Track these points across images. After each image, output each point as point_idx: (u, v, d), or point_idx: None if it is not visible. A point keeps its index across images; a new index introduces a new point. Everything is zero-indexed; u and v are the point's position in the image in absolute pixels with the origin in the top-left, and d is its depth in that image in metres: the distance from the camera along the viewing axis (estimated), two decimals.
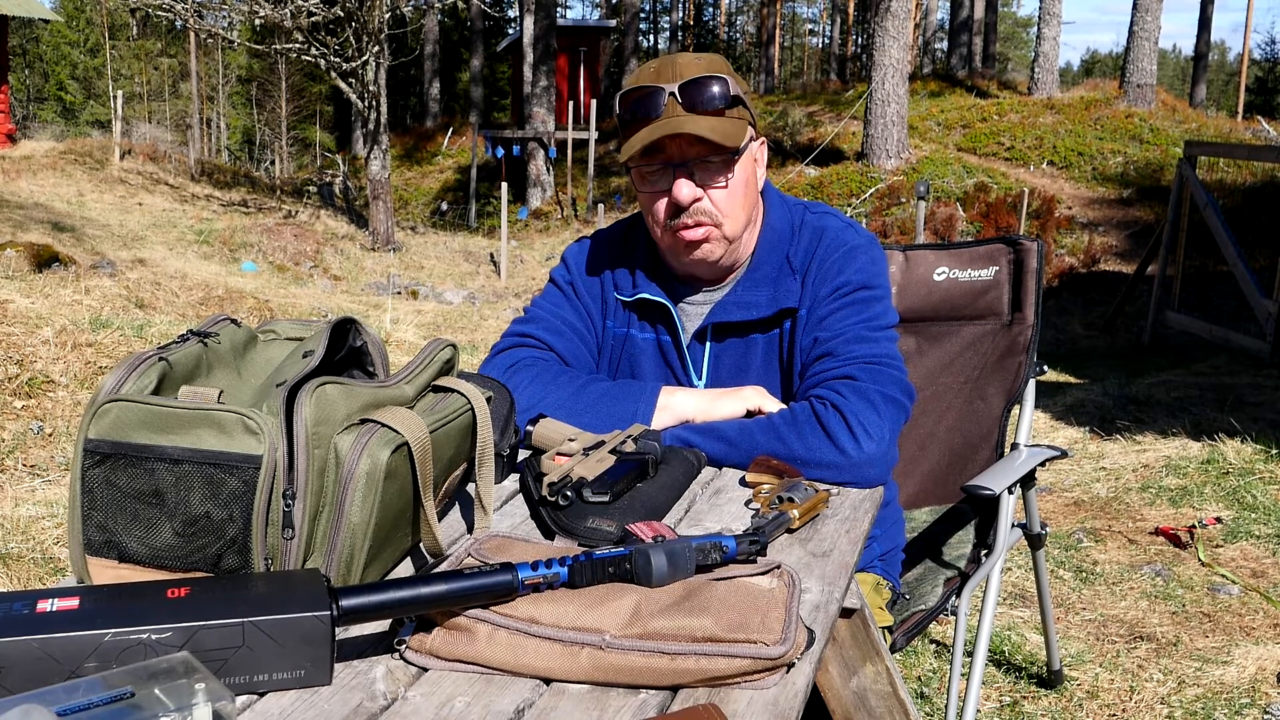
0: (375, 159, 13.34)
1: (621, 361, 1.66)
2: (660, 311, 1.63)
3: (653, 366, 1.64)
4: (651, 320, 1.64)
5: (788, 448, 1.40)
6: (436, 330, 8.62)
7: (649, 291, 1.62)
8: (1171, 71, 62.21)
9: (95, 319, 5.64)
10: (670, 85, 1.48)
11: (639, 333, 1.65)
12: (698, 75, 1.48)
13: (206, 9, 14.38)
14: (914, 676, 2.60)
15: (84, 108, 38.54)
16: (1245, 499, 3.88)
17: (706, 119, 1.48)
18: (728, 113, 1.50)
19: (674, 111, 1.48)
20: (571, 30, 24.36)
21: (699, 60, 1.52)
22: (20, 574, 3.01)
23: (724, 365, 1.60)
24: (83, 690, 0.75)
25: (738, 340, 1.60)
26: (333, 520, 1.00)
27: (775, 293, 1.57)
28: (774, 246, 1.61)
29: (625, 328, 1.66)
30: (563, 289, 1.71)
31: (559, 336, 1.66)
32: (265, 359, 1.16)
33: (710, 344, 1.61)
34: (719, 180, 1.52)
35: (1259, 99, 40.08)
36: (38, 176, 14.03)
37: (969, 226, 13.50)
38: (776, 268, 1.59)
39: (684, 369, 1.62)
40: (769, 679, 0.90)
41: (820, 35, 51.47)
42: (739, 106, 1.52)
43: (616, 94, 1.53)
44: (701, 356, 1.61)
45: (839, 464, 1.38)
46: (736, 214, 1.55)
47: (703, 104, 1.48)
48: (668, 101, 1.48)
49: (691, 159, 1.50)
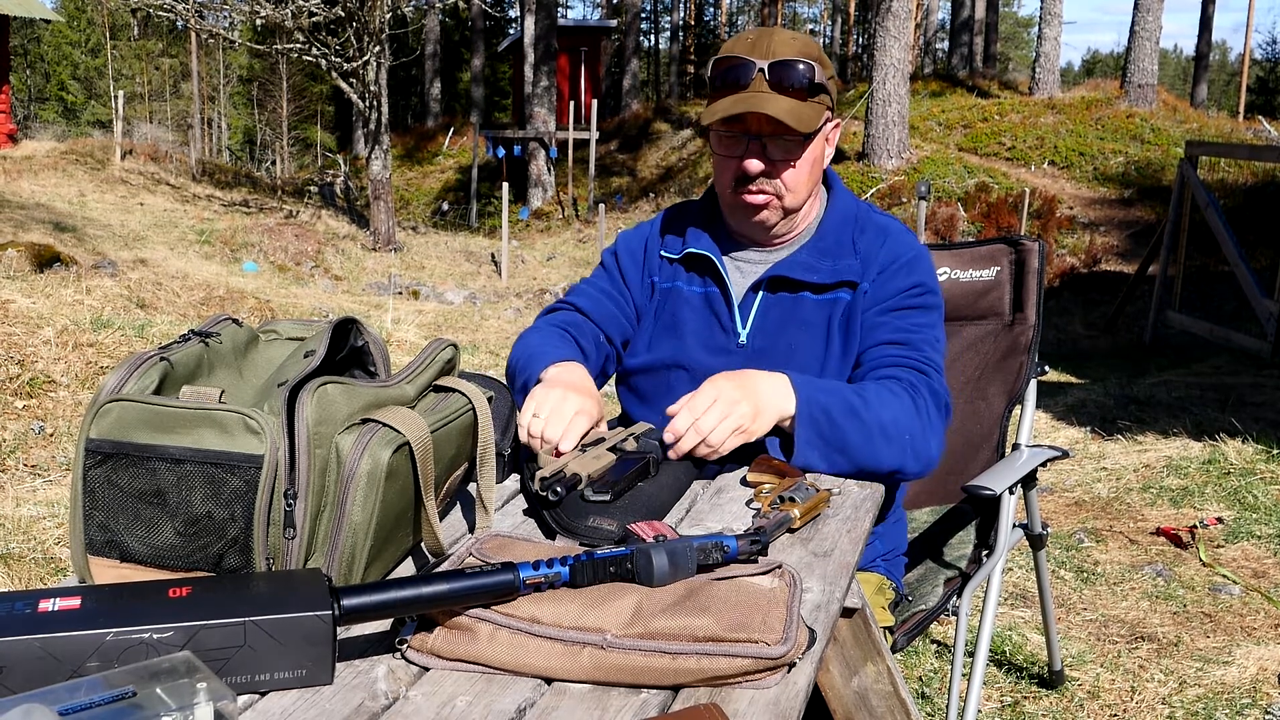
0: (376, 159, 13.35)
1: (665, 312, 1.74)
2: (708, 265, 1.71)
3: (696, 316, 1.71)
4: (700, 273, 1.72)
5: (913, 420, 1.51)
6: (437, 330, 8.62)
7: (696, 246, 1.71)
8: (1172, 71, 62.20)
9: (96, 319, 5.64)
10: (762, 61, 1.56)
11: (685, 285, 1.73)
12: (788, 56, 1.56)
13: (208, 9, 14.39)
14: (915, 676, 2.60)
15: (85, 108, 38.57)
16: (1246, 499, 3.88)
17: (788, 100, 1.55)
18: (809, 98, 1.57)
19: (760, 87, 1.56)
20: (572, 30, 24.37)
21: (794, 40, 1.59)
22: (22, 574, 3.01)
23: (770, 318, 1.67)
24: (84, 690, 0.75)
25: (788, 296, 1.67)
26: (334, 520, 1.00)
27: (836, 265, 1.66)
28: (841, 225, 1.70)
29: (671, 281, 1.74)
30: (604, 263, 1.85)
31: (587, 299, 1.80)
32: (267, 359, 1.16)
33: (763, 294, 1.68)
34: (789, 157, 1.60)
35: (1260, 99, 40.06)
36: (39, 176, 14.03)
37: (970, 227, 13.50)
38: (839, 244, 1.68)
39: (731, 317, 1.68)
40: (770, 679, 0.90)
41: (821, 35, 51.49)
42: (821, 93, 1.59)
43: (711, 58, 1.66)
44: (750, 307, 1.68)
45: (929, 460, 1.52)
46: (799, 189, 1.63)
47: (788, 85, 1.55)
48: (756, 76, 1.56)
49: (767, 134, 1.58)
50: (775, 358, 1.63)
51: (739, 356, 1.65)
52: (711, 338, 1.68)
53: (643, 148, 21.32)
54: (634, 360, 1.75)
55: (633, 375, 1.75)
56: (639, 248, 1.80)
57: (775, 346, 1.65)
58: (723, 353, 1.66)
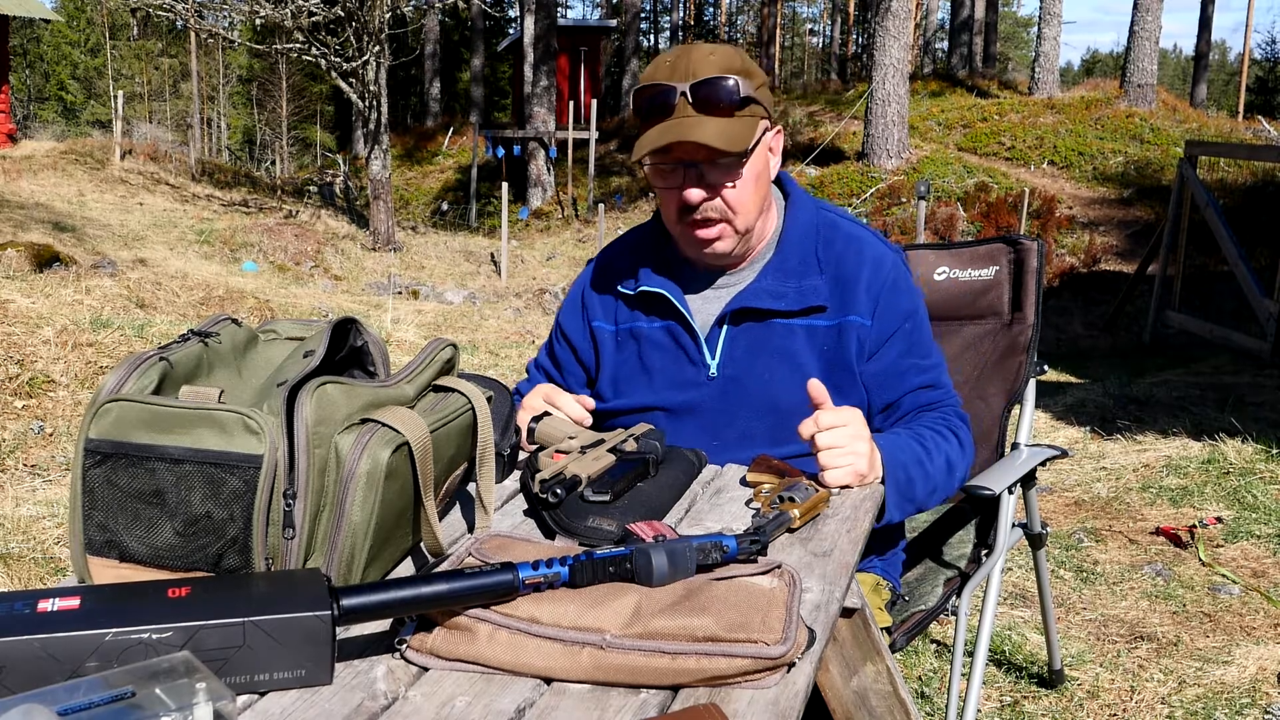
0: (376, 159, 13.35)
1: (630, 353, 1.70)
2: (666, 302, 1.66)
3: (661, 354, 1.67)
4: (660, 311, 1.67)
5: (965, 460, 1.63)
6: (437, 330, 8.62)
7: (650, 284, 1.66)
8: (1172, 71, 62.19)
9: (96, 319, 5.64)
10: (682, 84, 1.50)
11: (647, 324, 1.68)
12: (709, 75, 1.50)
13: (207, 9, 14.39)
14: (914, 676, 2.60)
15: (85, 108, 38.57)
16: (1246, 499, 3.88)
17: (715, 121, 1.50)
18: (738, 113, 1.52)
19: (684, 112, 1.51)
20: (572, 30, 24.35)
21: (713, 55, 1.53)
22: (21, 574, 3.01)
23: (739, 347, 1.63)
24: (84, 690, 0.75)
25: (755, 324, 1.63)
26: (333, 520, 1.00)
27: (802, 285, 1.61)
28: (803, 239, 1.65)
29: (631, 322, 1.70)
30: (552, 332, 1.83)
31: (545, 370, 1.83)
32: (266, 359, 1.16)
33: (728, 327, 1.64)
34: (729, 179, 1.54)
35: (1259, 99, 40.03)
36: (38, 176, 14.03)
37: (969, 226, 13.50)
38: (802, 262, 1.64)
39: (699, 350, 1.64)
40: (770, 678, 0.90)
41: (821, 35, 51.47)
42: (750, 105, 1.54)
43: (632, 88, 1.58)
44: (717, 339, 1.64)
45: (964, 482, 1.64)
46: (748, 209, 1.58)
47: (714, 104, 1.50)
48: (679, 101, 1.51)
49: (701, 160, 1.53)
50: (751, 387, 1.61)
51: (710, 389, 1.62)
52: (680, 373, 1.64)
53: None
54: (604, 405, 1.71)
55: (610, 419, 1.71)
56: (576, 302, 1.77)
57: (749, 375, 1.61)
58: (693, 386, 1.63)
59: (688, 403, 1.63)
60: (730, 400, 1.62)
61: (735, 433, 1.61)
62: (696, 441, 1.59)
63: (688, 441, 1.59)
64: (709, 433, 1.62)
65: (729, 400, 1.62)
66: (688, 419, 1.63)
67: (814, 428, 1.38)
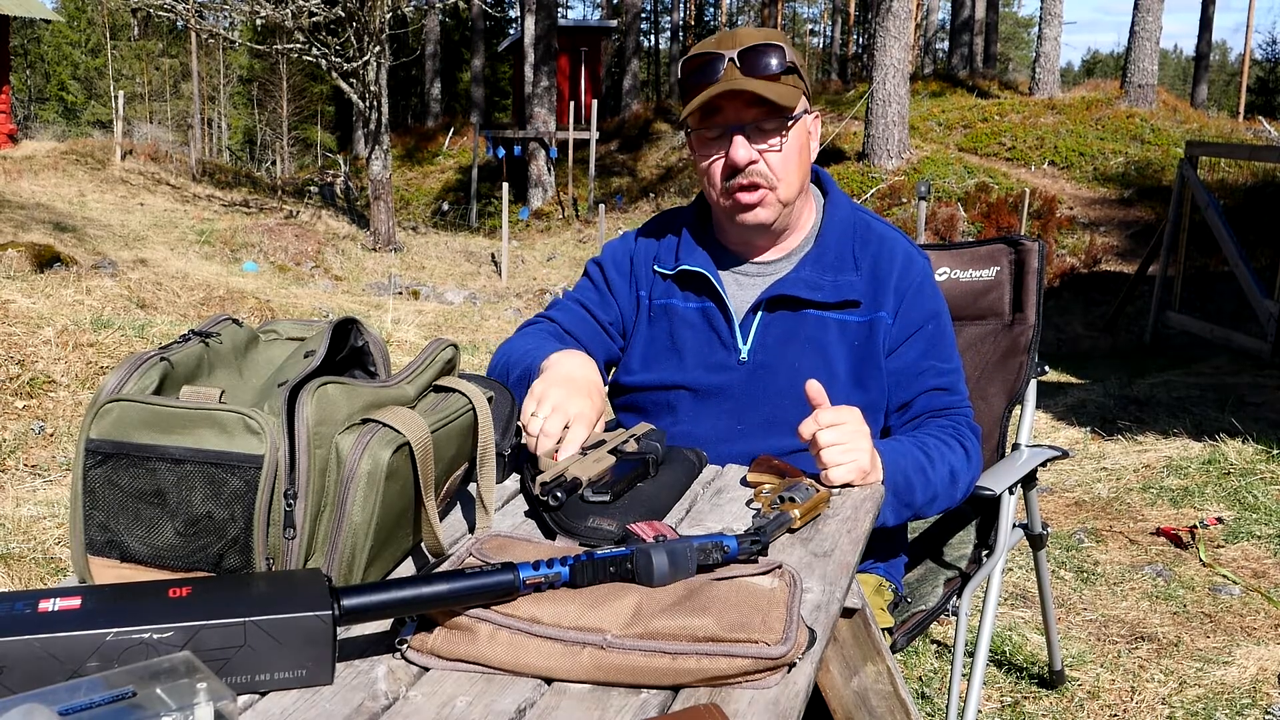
0: (376, 159, 13.35)
1: (662, 330, 1.71)
2: (705, 283, 1.67)
3: (694, 334, 1.68)
4: (696, 290, 1.69)
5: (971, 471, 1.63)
6: (438, 330, 8.62)
7: (691, 263, 1.68)
8: (1172, 72, 62.18)
9: (96, 319, 5.64)
10: (729, 51, 1.55)
11: (682, 303, 1.69)
12: (756, 42, 1.55)
13: (208, 9, 14.40)
14: (915, 677, 2.60)
15: (85, 108, 38.58)
16: (1246, 499, 3.88)
17: (763, 82, 1.53)
18: (784, 79, 1.55)
19: (732, 76, 1.54)
20: (572, 30, 24.35)
21: (759, 30, 1.59)
22: (22, 574, 3.01)
23: (771, 334, 1.64)
24: (84, 690, 0.75)
25: (789, 314, 1.64)
26: (334, 520, 1.00)
27: (839, 280, 1.64)
28: (841, 237, 1.68)
29: (666, 298, 1.71)
30: (589, 274, 1.82)
31: (569, 315, 1.77)
32: (267, 359, 1.16)
33: (762, 314, 1.65)
34: (774, 143, 1.57)
35: (1260, 99, 40.04)
36: (39, 176, 14.04)
37: (970, 227, 13.50)
38: (839, 257, 1.66)
39: (731, 334, 1.65)
40: (770, 679, 0.90)
41: (821, 35, 51.45)
42: (794, 75, 1.57)
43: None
44: (751, 325, 1.65)
45: (969, 492, 1.64)
46: (791, 178, 1.60)
47: (760, 69, 1.54)
48: (726, 67, 1.54)
49: (748, 121, 1.55)
50: (779, 375, 1.62)
51: (740, 373, 1.64)
52: (711, 355, 1.66)
53: (643, 148, 21.32)
54: (631, 378, 1.72)
55: (631, 393, 1.72)
56: (624, 259, 1.77)
57: (779, 363, 1.63)
58: (722, 369, 1.64)
59: (716, 385, 1.64)
60: (758, 386, 1.63)
61: (760, 418, 1.62)
62: (721, 424, 1.61)
63: (712, 424, 1.61)
64: (734, 416, 1.63)
65: (757, 386, 1.63)
66: (713, 401, 1.64)
67: (814, 427, 1.38)
